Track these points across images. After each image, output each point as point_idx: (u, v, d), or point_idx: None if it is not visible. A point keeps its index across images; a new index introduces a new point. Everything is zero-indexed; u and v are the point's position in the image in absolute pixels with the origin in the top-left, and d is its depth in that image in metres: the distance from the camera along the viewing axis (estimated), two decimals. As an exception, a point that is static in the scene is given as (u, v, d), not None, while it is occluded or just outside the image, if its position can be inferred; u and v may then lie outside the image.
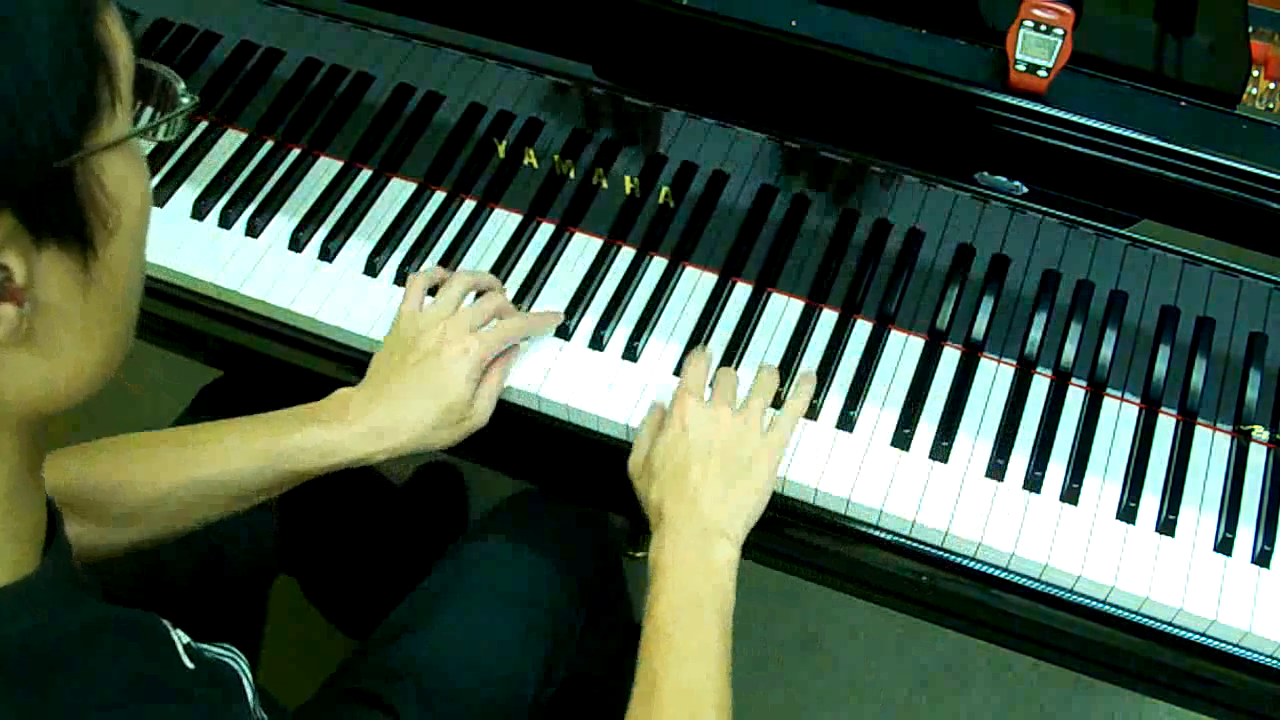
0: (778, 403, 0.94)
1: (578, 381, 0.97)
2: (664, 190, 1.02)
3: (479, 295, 0.99)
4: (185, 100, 0.59)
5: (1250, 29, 0.86)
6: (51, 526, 0.59)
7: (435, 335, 0.91)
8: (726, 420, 0.88)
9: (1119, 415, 0.96)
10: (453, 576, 1.04)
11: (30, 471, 0.56)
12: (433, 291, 0.99)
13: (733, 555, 0.84)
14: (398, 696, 0.95)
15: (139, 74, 0.54)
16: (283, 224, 1.07)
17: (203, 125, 1.13)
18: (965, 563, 0.91)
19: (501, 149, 1.06)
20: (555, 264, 1.04)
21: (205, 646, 0.67)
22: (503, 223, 1.07)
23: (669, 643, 0.79)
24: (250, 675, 0.70)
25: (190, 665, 0.61)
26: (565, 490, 1.13)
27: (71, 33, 0.48)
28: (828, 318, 1.01)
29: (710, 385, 0.94)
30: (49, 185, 0.48)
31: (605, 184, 1.04)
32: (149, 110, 0.59)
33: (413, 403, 0.89)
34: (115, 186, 0.51)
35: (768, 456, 0.88)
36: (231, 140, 1.13)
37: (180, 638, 0.63)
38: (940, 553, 0.92)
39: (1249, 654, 0.88)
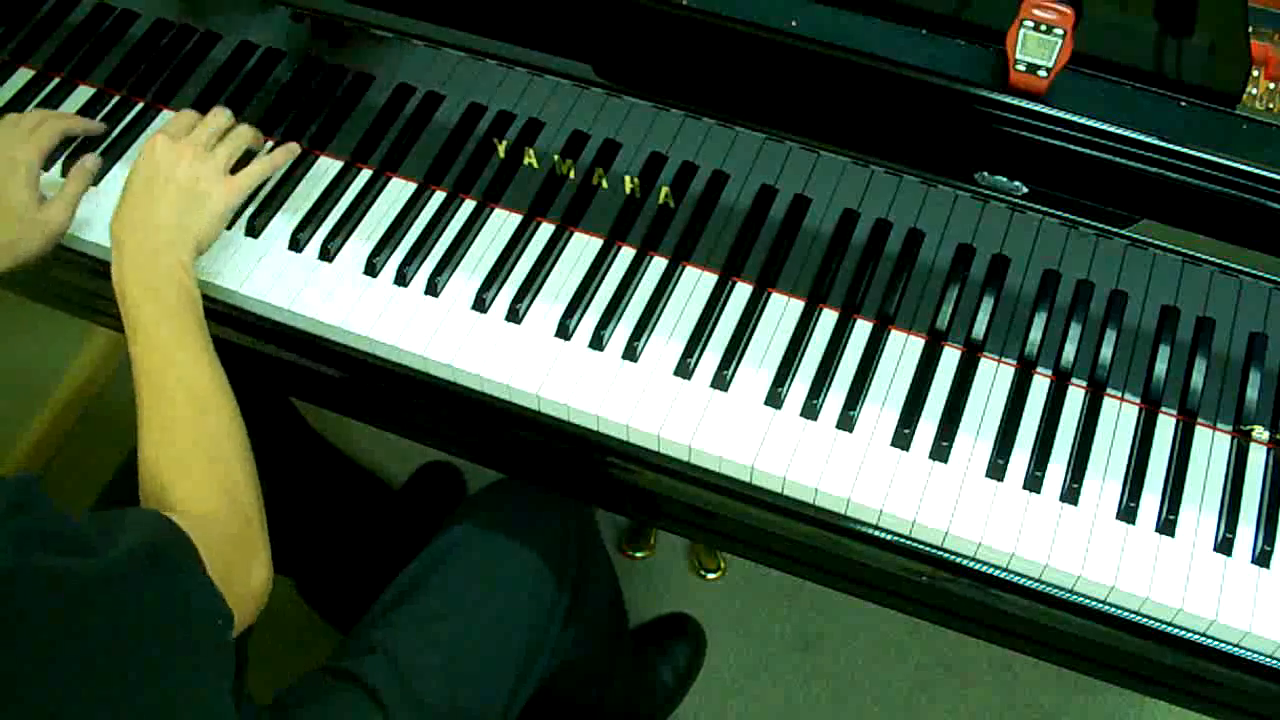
0: None
1: (578, 381, 0.97)
2: (664, 190, 1.02)
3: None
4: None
5: (1250, 29, 0.86)
6: None
7: None
8: (190, 157, 0.96)
9: (1119, 415, 0.96)
10: (434, 562, 1.06)
11: None
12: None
13: (185, 258, 0.93)
14: (376, 676, 0.96)
15: None
16: (283, 224, 1.07)
17: (203, 125, 1.14)
18: (965, 563, 0.91)
19: (501, 149, 1.06)
20: (555, 264, 1.04)
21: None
22: (503, 223, 1.07)
23: (157, 345, 0.87)
24: None
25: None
26: (564, 489, 1.13)
27: None
28: (828, 318, 1.01)
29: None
30: None
31: (605, 184, 1.04)
32: None
33: None
34: None
35: (223, 197, 0.97)
36: (231, 140, 1.13)
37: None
38: (940, 553, 0.92)
39: (1249, 654, 0.88)
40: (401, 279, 1.03)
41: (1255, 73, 0.89)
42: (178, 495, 0.81)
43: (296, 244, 1.05)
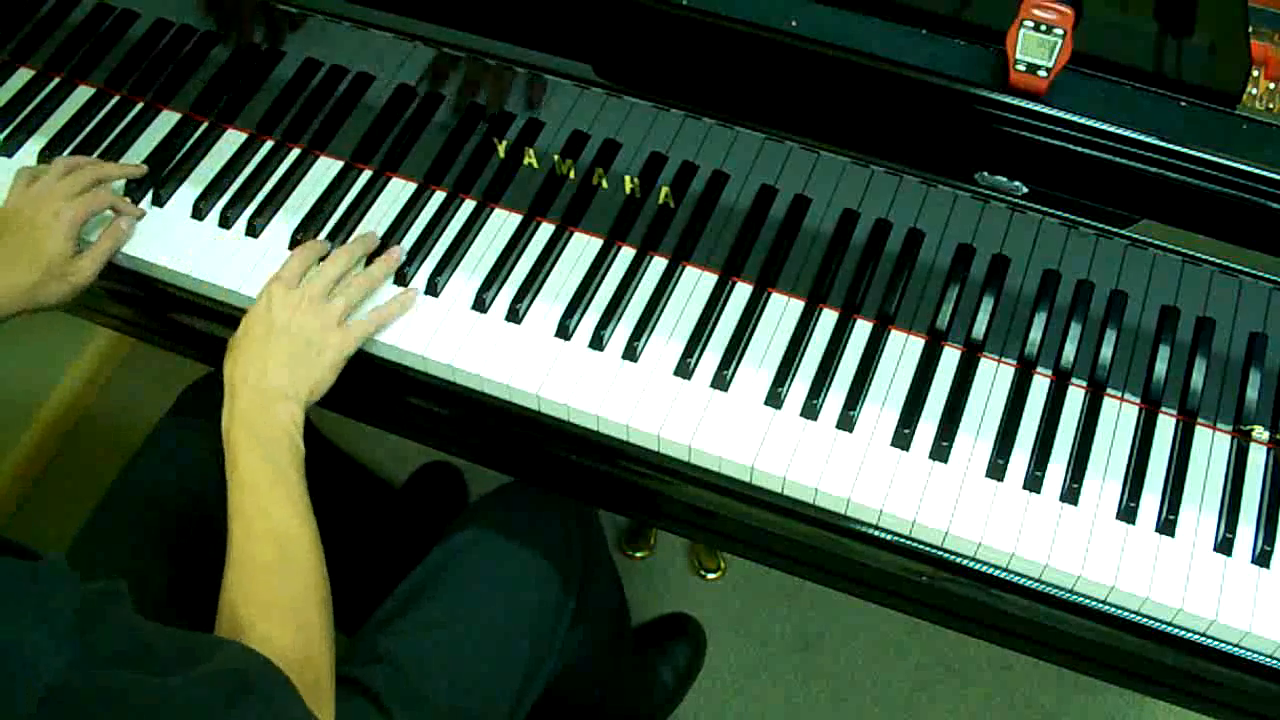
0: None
1: (578, 381, 0.97)
2: (664, 190, 1.02)
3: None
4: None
5: (1250, 29, 0.86)
6: None
7: (30, 206, 1.00)
8: (306, 308, 0.96)
9: (1119, 415, 0.96)
10: (438, 567, 1.05)
11: None
12: None
13: (295, 411, 0.92)
14: (382, 684, 0.95)
15: None
16: (282, 224, 1.07)
17: (203, 125, 1.14)
18: (965, 563, 0.91)
19: (501, 149, 1.06)
20: (555, 264, 1.04)
21: None
22: (503, 223, 1.07)
23: (255, 492, 0.87)
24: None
25: None
26: (564, 490, 1.13)
27: None
28: (828, 318, 1.01)
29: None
30: None
31: (605, 184, 1.04)
32: None
33: (12, 264, 0.97)
34: None
35: (338, 348, 0.96)
36: (231, 140, 1.13)
37: None
38: (940, 553, 0.92)
39: (1249, 654, 0.88)
40: (401, 279, 1.03)
41: (1255, 73, 0.89)
42: (254, 637, 0.80)
43: (296, 244, 1.05)
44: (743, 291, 1.02)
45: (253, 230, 1.06)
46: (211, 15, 1.10)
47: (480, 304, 1.02)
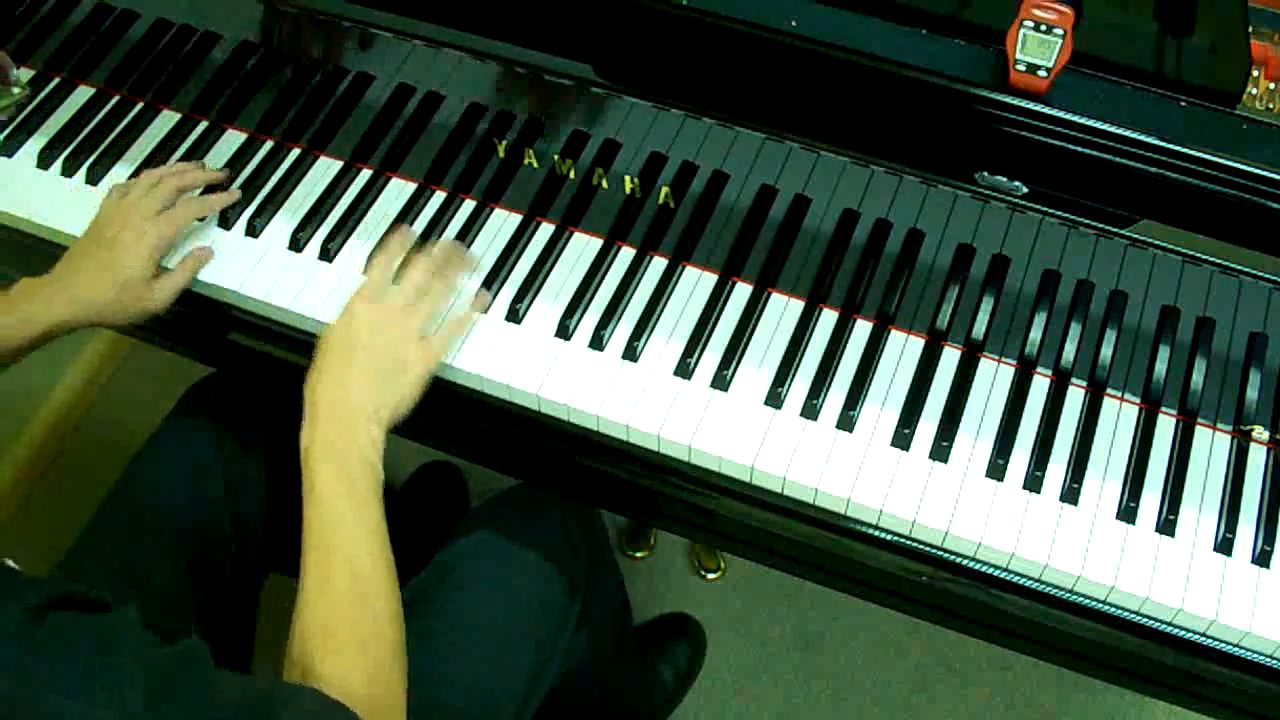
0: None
1: (578, 381, 0.97)
2: (664, 190, 1.02)
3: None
4: (16, 90, 0.59)
5: (1250, 29, 0.86)
6: None
7: (117, 222, 0.98)
8: (389, 322, 0.93)
9: (1119, 415, 0.96)
10: (442, 572, 1.05)
11: None
12: None
13: (376, 432, 0.89)
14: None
15: None
16: (282, 224, 1.07)
17: (203, 125, 1.14)
18: (965, 563, 0.91)
19: (501, 149, 1.06)
20: (555, 264, 1.04)
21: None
22: (503, 223, 1.07)
23: (334, 523, 0.84)
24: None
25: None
26: (564, 490, 1.13)
27: None
28: (828, 318, 1.01)
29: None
30: None
31: (605, 184, 1.04)
32: None
33: (91, 279, 0.96)
34: None
35: (422, 363, 0.93)
36: (231, 140, 1.13)
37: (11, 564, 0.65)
38: (940, 553, 0.92)
39: (1249, 654, 0.88)
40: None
41: (1255, 73, 0.89)
42: (324, 670, 0.77)
43: (296, 244, 1.05)
44: (743, 291, 1.02)
45: (252, 230, 1.06)
46: (233, 21, 1.10)
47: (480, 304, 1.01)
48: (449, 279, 0.99)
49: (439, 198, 1.09)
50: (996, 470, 0.93)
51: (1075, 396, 0.97)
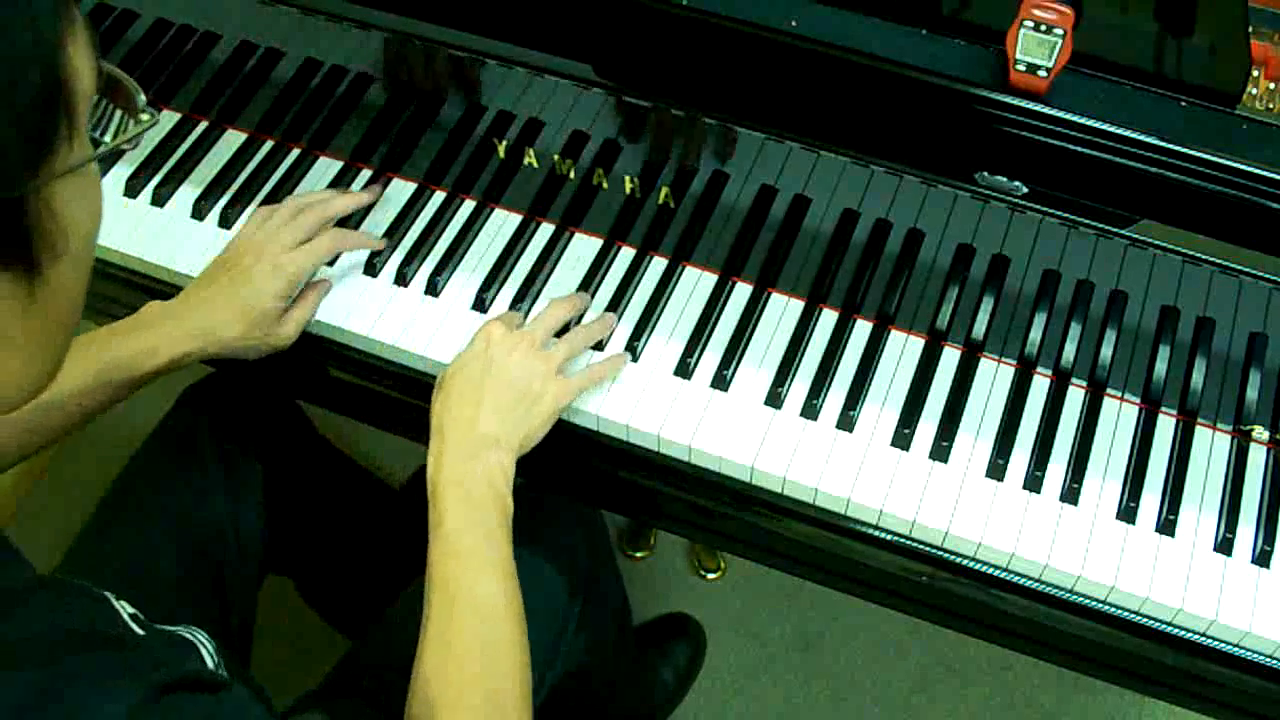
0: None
1: (578, 381, 0.97)
2: (664, 190, 1.02)
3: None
4: (145, 117, 0.58)
5: (1250, 29, 0.86)
6: None
7: (253, 253, 0.94)
8: (525, 352, 0.90)
9: (1119, 415, 0.96)
10: None
11: None
12: None
13: (506, 462, 0.86)
14: (389, 690, 0.95)
15: (105, 81, 0.53)
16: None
17: (203, 125, 1.14)
18: (965, 563, 0.91)
19: (501, 149, 1.06)
20: (555, 264, 1.04)
21: (158, 625, 0.65)
22: (503, 223, 1.07)
23: (462, 561, 0.81)
24: (212, 649, 0.69)
25: (138, 630, 0.60)
26: (564, 490, 1.13)
27: (34, 76, 0.47)
28: (828, 318, 1.01)
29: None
30: None
31: (605, 184, 1.04)
32: (111, 114, 0.58)
33: (221, 311, 0.92)
34: (66, 211, 0.51)
35: (555, 397, 0.90)
36: (231, 140, 1.13)
37: (125, 608, 0.61)
38: (940, 553, 0.92)
39: (1249, 654, 0.88)
40: (401, 279, 1.03)
41: (1255, 73, 0.89)
42: None
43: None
44: (743, 291, 1.02)
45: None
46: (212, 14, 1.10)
47: (480, 304, 1.01)
48: (593, 331, 0.97)
49: (439, 198, 1.09)
50: (996, 470, 0.93)
51: (1075, 396, 0.97)
